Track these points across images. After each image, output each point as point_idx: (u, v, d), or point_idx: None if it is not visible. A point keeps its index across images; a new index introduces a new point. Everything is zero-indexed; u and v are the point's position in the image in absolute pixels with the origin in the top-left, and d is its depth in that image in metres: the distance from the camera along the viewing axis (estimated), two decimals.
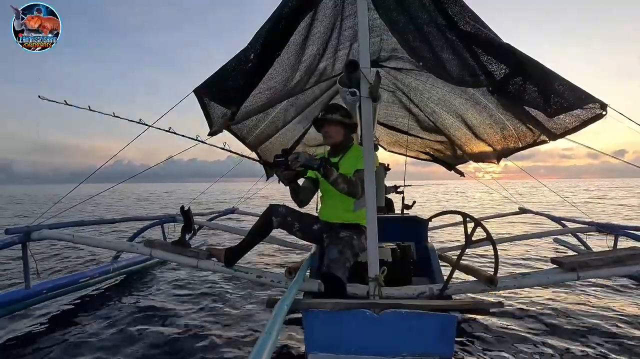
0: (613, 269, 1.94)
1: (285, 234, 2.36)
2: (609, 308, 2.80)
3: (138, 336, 2.32)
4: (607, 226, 3.56)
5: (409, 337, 1.63)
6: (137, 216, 4.24)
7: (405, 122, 4.35)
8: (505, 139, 2.88)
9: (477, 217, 2.01)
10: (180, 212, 2.30)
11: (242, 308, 2.84)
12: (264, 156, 3.82)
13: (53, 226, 2.62)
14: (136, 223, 4.64)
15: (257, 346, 1.02)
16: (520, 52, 1.53)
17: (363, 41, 1.79)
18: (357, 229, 2.01)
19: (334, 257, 1.79)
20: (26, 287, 2.57)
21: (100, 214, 12.62)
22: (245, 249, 2.09)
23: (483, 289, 1.90)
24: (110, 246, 2.69)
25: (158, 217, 4.04)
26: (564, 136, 2.01)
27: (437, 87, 2.96)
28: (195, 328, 2.45)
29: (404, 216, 3.81)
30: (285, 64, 2.00)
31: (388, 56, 2.85)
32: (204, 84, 1.81)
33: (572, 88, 1.57)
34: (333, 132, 2.08)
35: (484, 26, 1.56)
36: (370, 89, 1.75)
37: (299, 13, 1.74)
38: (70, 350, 2.12)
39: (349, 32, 2.33)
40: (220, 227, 4.18)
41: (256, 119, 2.82)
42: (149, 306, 2.87)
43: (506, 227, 7.96)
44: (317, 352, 1.63)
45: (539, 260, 4.65)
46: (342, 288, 1.74)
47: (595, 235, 3.78)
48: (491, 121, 2.81)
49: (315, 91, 3.17)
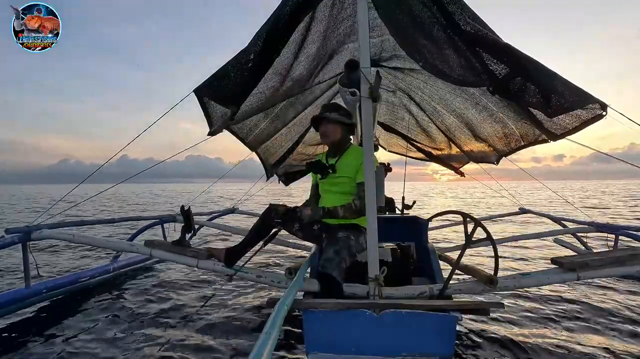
0: (613, 269, 1.94)
1: (286, 234, 2.36)
2: (609, 306, 2.80)
3: (138, 336, 2.32)
4: (607, 226, 3.56)
5: (409, 337, 1.63)
6: (137, 216, 4.24)
7: (405, 122, 4.35)
8: (507, 137, 2.88)
9: (477, 217, 2.01)
10: (180, 212, 2.30)
11: (242, 308, 2.84)
12: (264, 156, 3.83)
13: (53, 225, 2.62)
14: (136, 223, 4.65)
15: (257, 346, 1.02)
16: (521, 52, 1.53)
17: (363, 41, 1.79)
18: (355, 230, 2.01)
19: (328, 257, 1.79)
20: (26, 287, 2.58)
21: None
22: (245, 249, 2.09)
23: (483, 289, 1.90)
24: (110, 246, 2.68)
25: (158, 217, 4.04)
26: (564, 136, 2.00)
27: (437, 87, 2.96)
28: (195, 327, 2.45)
29: (404, 216, 3.81)
30: (285, 63, 2.00)
31: (388, 56, 2.84)
32: (204, 84, 1.81)
33: (572, 88, 1.57)
34: (331, 132, 2.08)
35: (484, 26, 1.55)
36: (370, 89, 1.75)
37: (299, 13, 1.74)
38: (70, 350, 2.12)
39: (349, 31, 2.33)
40: (220, 227, 4.18)
41: (256, 119, 2.82)
42: (149, 306, 2.87)
43: (506, 227, 7.97)
44: (317, 352, 1.64)
45: (539, 260, 4.65)
46: (337, 288, 1.75)
47: (595, 235, 3.78)
48: (492, 120, 2.80)
49: (315, 91, 3.17)
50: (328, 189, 2.13)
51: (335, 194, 2.08)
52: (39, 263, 3.37)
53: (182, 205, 2.28)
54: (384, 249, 2.66)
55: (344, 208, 1.93)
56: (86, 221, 4.44)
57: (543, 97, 1.58)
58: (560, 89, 1.55)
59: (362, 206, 1.90)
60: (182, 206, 2.27)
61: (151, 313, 2.73)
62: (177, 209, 5.44)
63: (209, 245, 5.39)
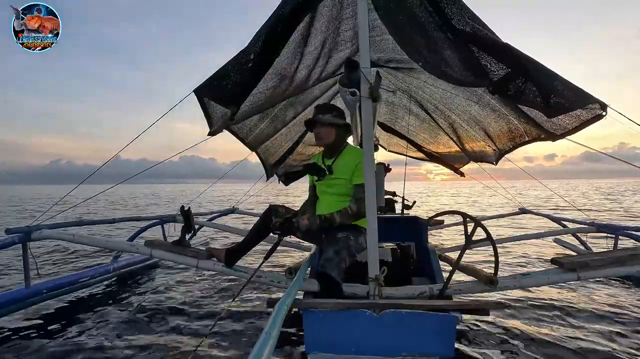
0: (613, 269, 1.94)
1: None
2: (610, 306, 2.80)
3: (138, 336, 2.32)
4: (607, 226, 3.56)
5: (409, 337, 1.63)
6: (137, 216, 4.24)
7: (405, 122, 4.35)
8: (512, 132, 2.80)
9: (477, 217, 2.01)
10: (180, 212, 2.30)
11: (242, 308, 2.84)
12: (263, 156, 3.83)
13: (53, 226, 2.62)
14: (136, 223, 4.65)
15: (257, 346, 1.02)
16: (520, 52, 1.53)
17: (363, 41, 1.79)
18: (355, 230, 2.01)
19: (328, 257, 1.79)
20: (26, 287, 2.57)
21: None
22: (245, 249, 2.09)
23: (483, 289, 1.90)
24: (110, 246, 2.69)
25: (158, 217, 4.04)
26: (564, 136, 2.00)
27: (437, 86, 2.96)
28: (195, 327, 2.45)
29: (404, 216, 3.81)
30: (285, 64, 2.00)
31: (388, 56, 2.84)
32: (204, 84, 1.81)
33: (572, 88, 1.57)
34: (324, 134, 2.05)
35: (483, 26, 1.55)
36: (370, 89, 1.75)
37: (299, 13, 1.74)
38: (69, 350, 2.12)
39: (349, 32, 2.33)
40: (220, 227, 4.18)
41: (256, 119, 2.82)
42: (149, 306, 2.87)
43: (506, 227, 7.96)
44: (317, 352, 1.64)
45: (539, 260, 4.65)
46: (337, 288, 1.75)
47: (596, 235, 3.78)
48: (495, 116, 2.74)
49: (315, 91, 3.17)
50: (325, 190, 2.12)
51: (332, 195, 2.07)
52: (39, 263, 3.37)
53: (182, 205, 2.28)
54: (384, 249, 2.66)
55: (340, 214, 1.92)
56: (86, 221, 4.44)
57: (543, 97, 1.58)
58: (560, 89, 1.55)
59: (359, 209, 1.89)
60: (182, 206, 2.28)
61: (151, 313, 2.73)
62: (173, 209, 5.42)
63: (209, 245, 5.39)
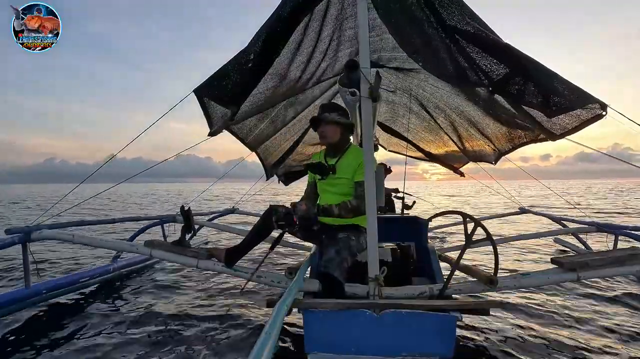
0: (613, 269, 1.94)
1: (286, 234, 2.35)
2: (610, 306, 2.80)
3: (138, 336, 2.32)
4: (607, 226, 3.56)
5: (409, 337, 1.63)
6: (137, 216, 4.25)
7: (405, 122, 4.35)
8: (510, 133, 2.84)
9: (477, 217, 2.01)
10: (180, 212, 2.30)
11: (242, 308, 2.84)
12: (263, 156, 3.83)
13: (53, 226, 2.62)
14: (136, 223, 4.65)
15: (257, 346, 1.02)
16: (520, 52, 1.53)
17: (363, 41, 1.79)
18: (355, 230, 2.01)
19: (330, 257, 1.79)
20: (26, 287, 2.57)
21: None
22: (245, 249, 2.09)
23: (483, 289, 1.90)
24: (110, 246, 2.68)
25: (158, 217, 4.04)
26: (564, 136, 2.00)
27: (438, 86, 2.96)
28: (195, 327, 2.45)
29: (404, 216, 3.82)
30: (285, 64, 2.00)
31: (388, 56, 2.84)
32: (204, 84, 1.82)
33: (572, 88, 1.57)
34: (329, 132, 2.07)
35: (483, 26, 1.55)
36: (370, 89, 1.75)
37: (299, 13, 1.74)
38: (69, 350, 2.12)
39: (349, 32, 2.33)
40: (220, 227, 4.18)
41: (256, 119, 2.82)
42: (149, 306, 2.87)
43: (506, 227, 7.96)
44: (317, 352, 1.64)
45: (539, 260, 4.65)
46: (339, 288, 1.75)
47: (596, 235, 3.78)
48: (495, 116, 2.76)
49: (315, 91, 3.17)
50: (326, 189, 2.13)
51: (334, 194, 2.08)
52: (38, 263, 3.37)
53: (182, 205, 2.28)
54: (384, 249, 2.66)
55: (339, 206, 1.93)
56: (86, 221, 4.43)
57: (543, 97, 1.58)
58: (560, 89, 1.56)
59: (359, 204, 1.89)
60: (182, 206, 2.28)
61: (151, 313, 2.72)
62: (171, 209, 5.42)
63: (209, 245, 5.39)
